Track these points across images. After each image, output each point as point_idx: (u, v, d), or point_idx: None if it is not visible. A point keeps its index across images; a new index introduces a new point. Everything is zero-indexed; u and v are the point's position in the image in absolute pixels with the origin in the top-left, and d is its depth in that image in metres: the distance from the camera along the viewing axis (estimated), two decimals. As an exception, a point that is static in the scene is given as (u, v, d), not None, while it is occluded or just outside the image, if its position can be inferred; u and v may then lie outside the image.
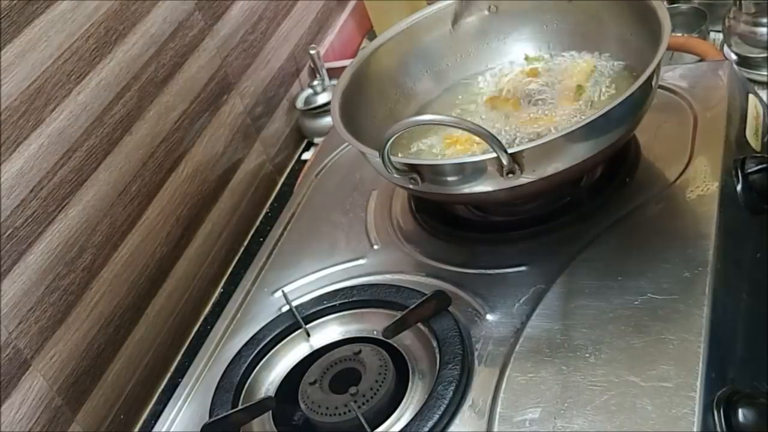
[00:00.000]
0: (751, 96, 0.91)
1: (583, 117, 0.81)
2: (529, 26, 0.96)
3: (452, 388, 0.67)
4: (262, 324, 0.82)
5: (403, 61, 0.96)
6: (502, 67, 0.96)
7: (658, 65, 0.73)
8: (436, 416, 0.65)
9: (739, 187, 0.77)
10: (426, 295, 0.74)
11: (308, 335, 0.80)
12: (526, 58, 0.95)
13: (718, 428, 0.59)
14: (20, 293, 0.80)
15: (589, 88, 0.87)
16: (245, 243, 1.15)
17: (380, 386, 0.70)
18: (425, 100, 0.97)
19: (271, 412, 0.74)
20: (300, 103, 1.29)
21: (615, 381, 0.63)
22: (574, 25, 0.93)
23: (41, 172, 0.83)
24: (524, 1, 0.95)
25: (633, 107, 0.74)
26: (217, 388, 0.77)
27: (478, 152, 0.83)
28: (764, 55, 1.06)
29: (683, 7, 1.19)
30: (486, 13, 0.96)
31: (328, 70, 1.30)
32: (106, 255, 0.91)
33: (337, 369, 0.74)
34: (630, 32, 0.86)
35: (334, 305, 0.81)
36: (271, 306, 0.86)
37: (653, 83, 0.76)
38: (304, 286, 0.86)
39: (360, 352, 0.74)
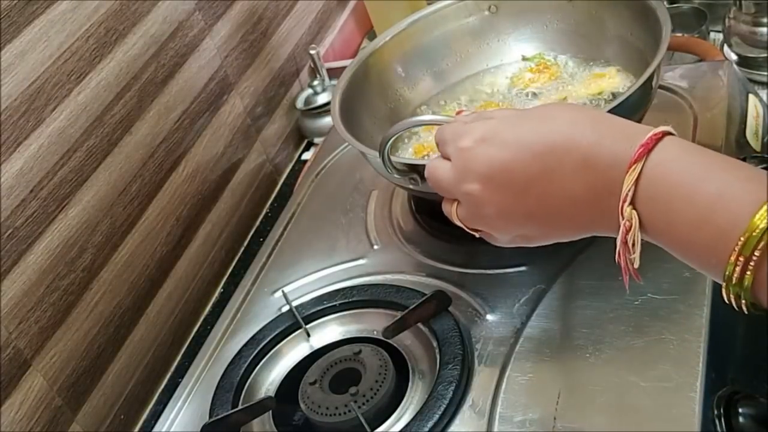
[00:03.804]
0: (751, 96, 0.91)
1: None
2: (530, 27, 0.96)
3: (452, 388, 0.67)
4: (262, 324, 0.82)
5: (403, 61, 0.96)
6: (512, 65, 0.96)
7: (659, 66, 0.73)
8: (436, 416, 0.65)
9: (739, 187, 0.77)
10: (426, 295, 0.74)
11: (308, 335, 0.80)
12: (530, 58, 0.95)
13: (718, 428, 0.59)
14: (20, 293, 0.80)
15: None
16: (245, 243, 1.15)
17: (380, 386, 0.70)
18: (425, 100, 0.97)
19: (271, 412, 0.74)
20: (300, 103, 1.29)
21: (615, 381, 0.63)
22: (575, 26, 0.93)
23: (41, 172, 0.83)
24: (524, 1, 0.95)
25: (633, 108, 0.74)
26: (217, 388, 0.77)
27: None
28: (764, 55, 1.05)
29: (683, 7, 1.19)
30: (486, 13, 0.96)
31: (328, 70, 1.30)
32: (106, 255, 0.91)
33: (337, 369, 0.74)
34: (630, 33, 0.86)
35: (334, 305, 0.81)
36: (271, 306, 0.86)
37: (653, 83, 0.76)
38: (304, 286, 0.86)
39: (360, 352, 0.74)
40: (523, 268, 0.76)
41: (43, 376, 0.81)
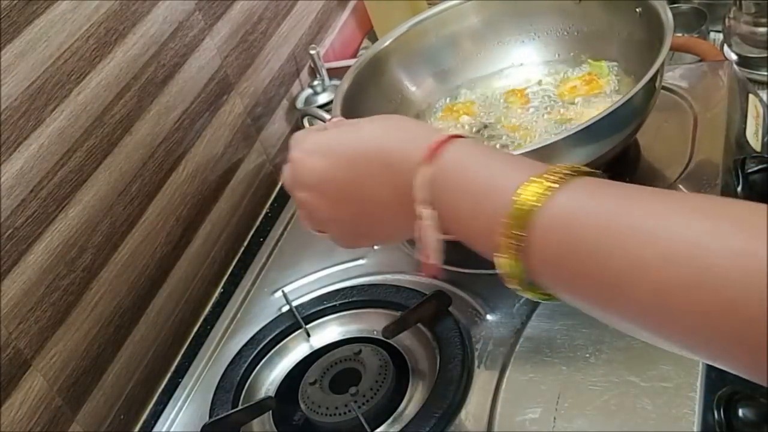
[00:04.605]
0: (751, 96, 0.91)
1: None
2: (528, 30, 0.96)
3: (452, 388, 0.67)
4: (262, 324, 0.82)
5: (406, 63, 0.96)
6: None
7: (661, 67, 0.73)
8: (436, 416, 0.65)
9: (739, 188, 0.77)
10: (426, 295, 0.74)
11: (308, 335, 0.80)
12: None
13: (718, 428, 0.59)
14: (20, 293, 0.80)
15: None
16: (245, 243, 1.14)
17: (380, 386, 0.70)
18: (428, 102, 0.97)
19: (271, 412, 0.74)
20: (300, 103, 1.29)
21: (615, 381, 0.63)
22: (578, 28, 0.93)
23: (41, 172, 0.83)
24: (529, 1, 0.95)
25: (635, 110, 0.74)
26: (217, 388, 0.77)
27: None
28: (764, 55, 1.06)
29: (683, 7, 1.19)
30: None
31: (328, 70, 1.30)
32: (106, 255, 0.91)
33: (337, 369, 0.74)
34: (632, 34, 0.86)
35: (334, 305, 0.81)
36: (271, 306, 0.86)
37: (656, 85, 0.76)
38: (304, 286, 0.86)
39: (360, 352, 0.74)
40: (523, 268, 0.76)
41: (43, 376, 0.81)
